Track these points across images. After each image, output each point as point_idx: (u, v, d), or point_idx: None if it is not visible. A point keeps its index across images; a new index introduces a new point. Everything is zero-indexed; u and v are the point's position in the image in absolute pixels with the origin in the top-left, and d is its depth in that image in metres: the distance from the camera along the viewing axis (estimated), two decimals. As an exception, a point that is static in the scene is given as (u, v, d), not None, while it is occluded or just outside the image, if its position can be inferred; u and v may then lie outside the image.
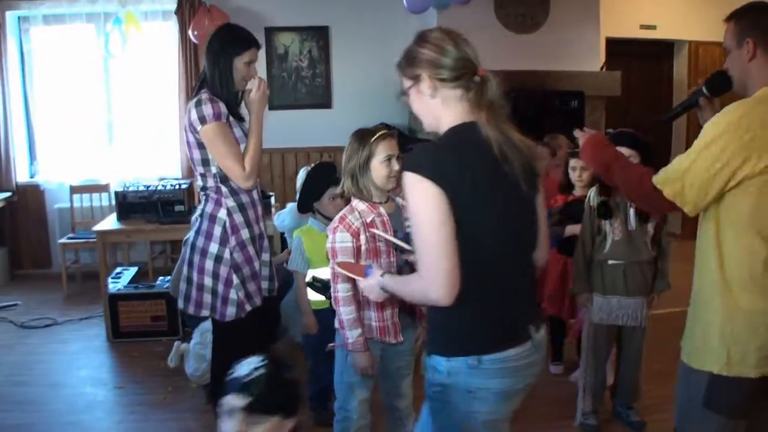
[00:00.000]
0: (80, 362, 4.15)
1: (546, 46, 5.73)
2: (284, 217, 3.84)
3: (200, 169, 2.59)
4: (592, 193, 3.13)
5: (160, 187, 4.77)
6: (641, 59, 6.91)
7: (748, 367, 1.77)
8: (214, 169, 2.56)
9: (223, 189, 2.59)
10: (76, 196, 5.95)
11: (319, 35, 6.29)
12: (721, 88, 2.02)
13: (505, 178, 1.60)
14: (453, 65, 1.60)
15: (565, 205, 3.59)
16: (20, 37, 6.02)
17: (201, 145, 2.52)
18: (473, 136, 1.59)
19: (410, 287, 1.70)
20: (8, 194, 5.92)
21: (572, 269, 3.26)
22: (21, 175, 6.07)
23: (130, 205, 4.71)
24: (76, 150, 6.17)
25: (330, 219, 2.76)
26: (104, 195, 5.92)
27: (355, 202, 2.39)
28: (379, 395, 2.60)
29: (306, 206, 3.21)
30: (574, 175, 3.52)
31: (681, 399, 1.95)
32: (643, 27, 6.66)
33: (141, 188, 4.79)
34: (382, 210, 2.38)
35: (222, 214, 2.59)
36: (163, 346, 4.03)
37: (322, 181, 3.13)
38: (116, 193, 4.77)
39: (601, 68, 6.10)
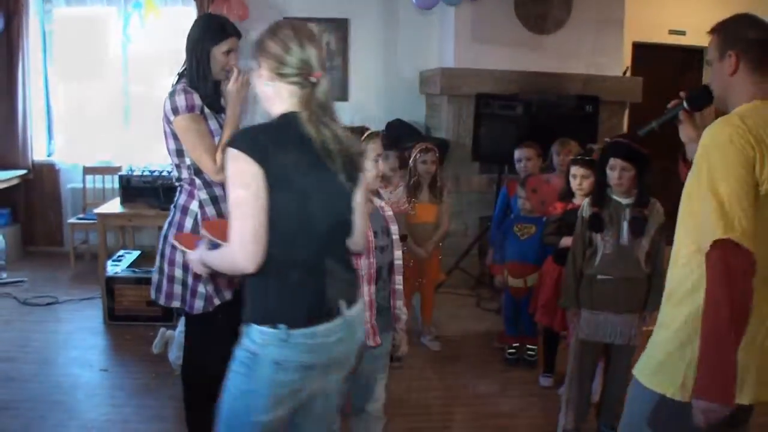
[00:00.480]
0: (73, 342, 4.19)
1: (566, 48, 5.58)
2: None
3: (175, 160, 2.56)
4: (585, 203, 3.03)
5: (164, 173, 4.78)
6: (669, 65, 6.70)
7: None
8: (188, 161, 2.53)
9: (197, 181, 2.55)
10: (89, 177, 6.02)
11: (338, 27, 6.24)
12: (702, 102, 1.92)
13: (321, 168, 1.74)
14: (293, 64, 1.72)
15: (564, 213, 3.48)
16: (42, 16, 6.09)
17: (175, 136, 2.49)
18: (296, 125, 1.72)
19: (221, 256, 1.79)
20: (24, 172, 6.01)
21: (565, 281, 3.17)
22: (38, 153, 6.15)
23: (134, 189, 4.73)
24: (93, 131, 6.23)
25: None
26: (116, 177, 5.94)
27: None
28: (351, 398, 2.53)
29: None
30: (574, 183, 3.41)
31: (627, 414, 1.88)
32: (672, 32, 6.46)
33: (145, 173, 4.80)
34: None
35: (194, 206, 2.56)
36: (156, 332, 4.03)
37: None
38: (120, 177, 4.79)
39: (624, 73, 5.93)
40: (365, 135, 2.30)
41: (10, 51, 5.84)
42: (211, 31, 2.51)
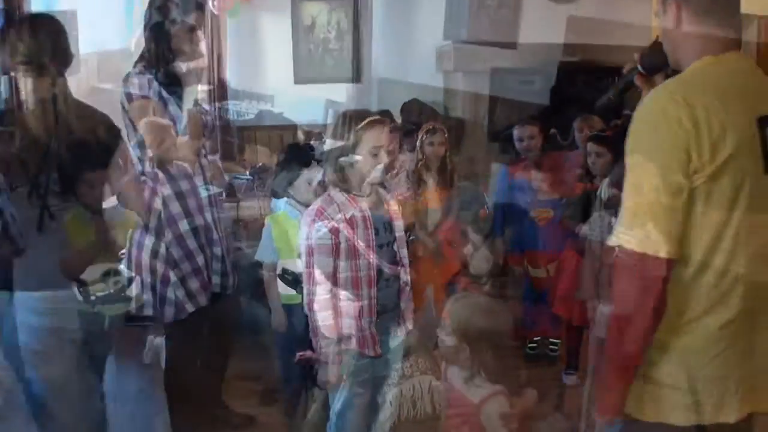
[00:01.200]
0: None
1: (590, 16, 5.22)
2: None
3: (137, 152, 2.36)
4: (604, 184, 2.74)
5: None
6: (704, 32, 6.27)
7: (672, 412, 1.46)
8: (150, 152, 2.32)
9: (160, 175, 2.35)
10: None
11: (348, 5, 5.97)
12: (657, 63, 1.64)
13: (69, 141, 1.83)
14: (22, 52, 1.84)
15: (583, 194, 3.21)
16: (48, 7, 5.97)
17: (135, 127, 2.29)
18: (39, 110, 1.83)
19: None
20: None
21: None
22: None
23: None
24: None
25: (305, 205, 2.56)
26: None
27: (334, 192, 2.17)
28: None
29: (280, 190, 2.98)
30: (589, 162, 3.13)
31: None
32: (707, -3, 6.03)
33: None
34: (363, 205, 2.16)
35: (157, 203, 2.36)
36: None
37: (296, 164, 2.88)
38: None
39: (654, 42, 5.54)
40: (365, 122, 2.11)
41: (13, 46, 5.75)
42: (170, 7, 2.29)
